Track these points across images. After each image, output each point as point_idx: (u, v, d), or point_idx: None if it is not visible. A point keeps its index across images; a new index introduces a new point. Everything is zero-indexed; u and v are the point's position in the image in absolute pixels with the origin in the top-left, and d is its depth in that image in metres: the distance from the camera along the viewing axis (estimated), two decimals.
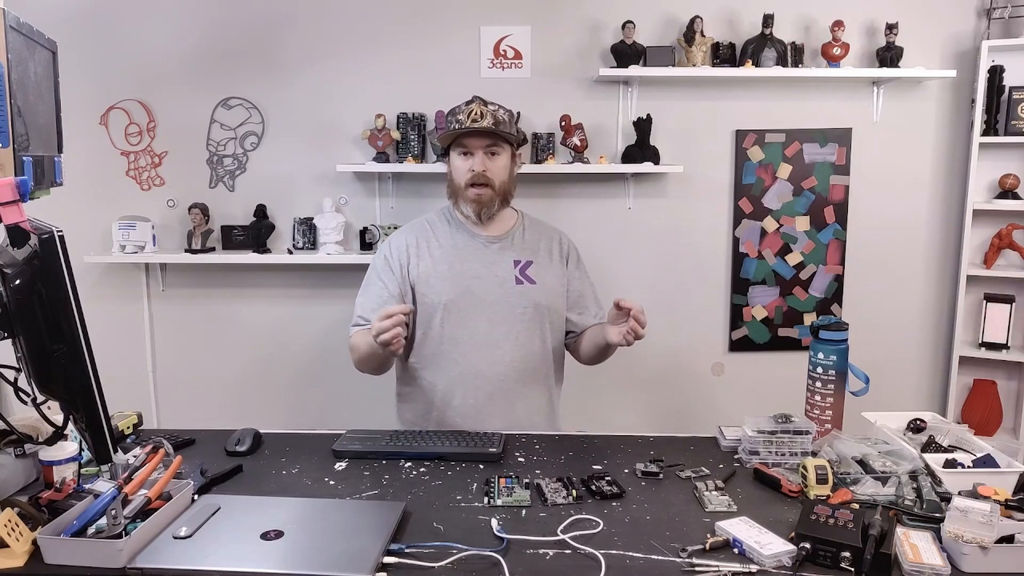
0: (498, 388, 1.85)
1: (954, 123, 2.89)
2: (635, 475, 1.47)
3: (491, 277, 1.88)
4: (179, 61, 2.82)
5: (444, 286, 1.87)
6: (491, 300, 1.86)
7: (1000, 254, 2.89)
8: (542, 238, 1.98)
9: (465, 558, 1.13)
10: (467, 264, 1.90)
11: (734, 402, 2.97)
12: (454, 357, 1.86)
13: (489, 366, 1.84)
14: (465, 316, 1.86)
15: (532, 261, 1.92)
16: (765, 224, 2.91)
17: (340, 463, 1.54)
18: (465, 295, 1.86)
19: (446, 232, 1.95)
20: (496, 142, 1.87)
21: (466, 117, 1.84)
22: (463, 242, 1.93)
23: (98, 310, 2.79)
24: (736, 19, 2.82)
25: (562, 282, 1.95)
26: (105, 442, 1.15)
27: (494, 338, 1.86)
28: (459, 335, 1.86)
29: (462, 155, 1.88)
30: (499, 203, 1.90)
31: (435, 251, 1.92)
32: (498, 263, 1.90)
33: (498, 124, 1.86)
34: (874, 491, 1.33)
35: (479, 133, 1.84)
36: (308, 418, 2.91)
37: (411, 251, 1.92)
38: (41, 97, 1.35)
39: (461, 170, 1.88)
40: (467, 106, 1.88)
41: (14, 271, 1.12)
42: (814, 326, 1.66)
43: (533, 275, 1.90)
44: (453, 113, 1.91)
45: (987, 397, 2.96)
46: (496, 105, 1.90)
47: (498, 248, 1.92)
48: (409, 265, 1.91)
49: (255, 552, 1.14)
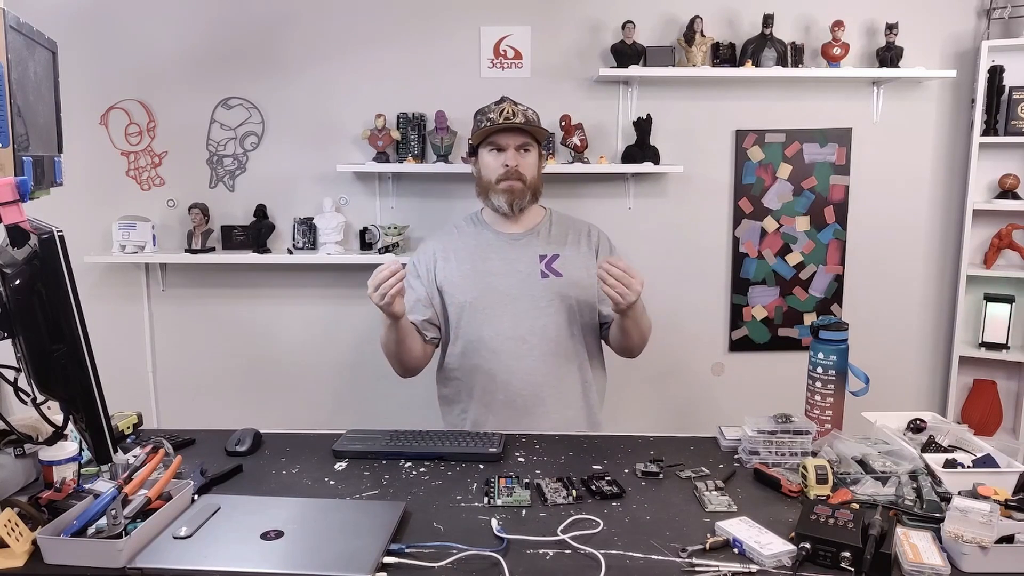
0: (526, 382, 1.87)
1: (954, 123, 2.89)
2: (635, 475, 1.47)
3: (513, 273, 1.91)
4: (179, 61, 2.82)
5: (467, 285, 1.92)
6: (515, 295, 1.88)
7: (1000, 254, 2.89)
8: (570, 231, 2.00)
9: (465, 558, 1.13)
10: (489, 262, 1.93)
11: (734, 402, 2.97)
12: (482, 355, 1.89)
13: (517, 361, 1.87)
14: (489, 314, 1.89)
15: (559, 254, 1.94)
16: (765, 224, 2.91)
17: (340, 463, 1.54)
18: (488, 293, 1.90)
19: (471, 233, 2.00)
20: (527, 140, 1.92)
21: (498, 115, 1.90)
22: (487, 241, 1.97)
23: (98, 310, 2.80)
24: (736, 19, 2.82)
25: (591, 273, 1.94)
26: (105, 442, 1.15)
27: (520, 333, 1.88)
28: (485, 333, 1.89)
29: (493, 152, 1.92)
30: (530, 197, 1.94)
31: (460, 253, 1.96)
32: (521, 259, 1.93)
33: (529, 123, 1.92)
34: (874, 491, 1.33)
35: (512, 130, 1.89)
36: (308, 418, 2.91)
37: (437, 256, 1.98)
38: (41, 97, 1.35)
39: (492, 166, 1.92)
40: (498, 105, 1.93)
41: (14, 271, 1.12)
42: (814, 326, 1.66)
43: (559, 268, 1.93)
44: (483, 112, 1.95)
45: (987, 397, 2.96)
46: (524, 105, 1.96)
47: (522, 244, 1.95)
48: (436, 270, 1.96)
49: (255, 552, 1.14)
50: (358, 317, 2.92)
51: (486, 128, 1.90)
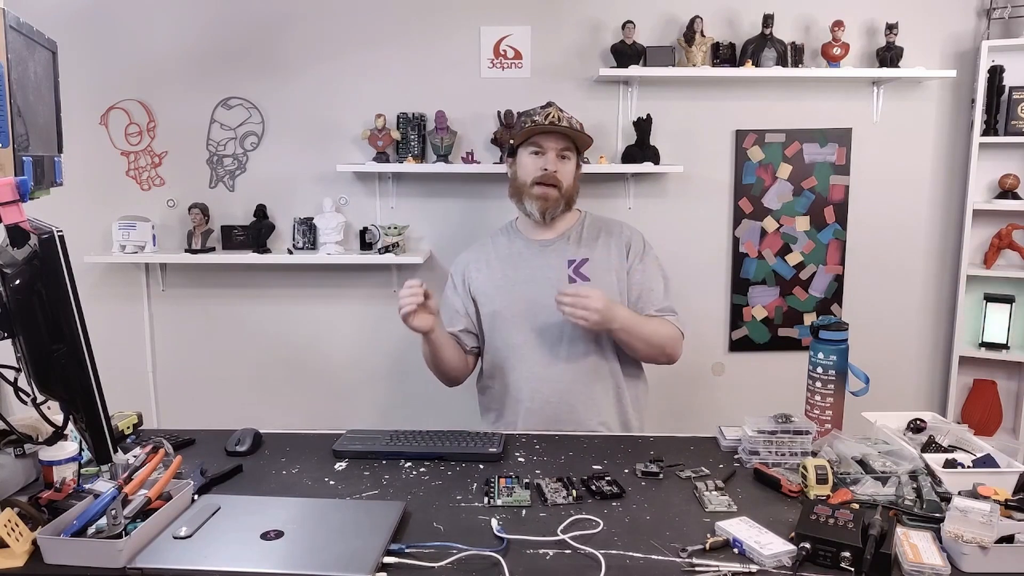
0: (555, 389, 1.87)
1: (954, 123, 2.89)
2: (635, 475, 1.47)
3: (543, 280, 1.91)
4: (179, 61, 2.82)
5: (498, 294, 1.93)
6: (544, 302, 1.87)
7: (1000, 254, 2.89)
8: (601, 234, 1.99)
9: (465, 558, 1.13)
10: (520, 270, 1.94)
11: (734, 402, 2.97)
12: (512, 362, 1.91)
13: (545, 368, 1.87)
14: (518, 321, 1.90)
15: (587, 259, 1.93)
16: (765, 224, 2.91)
17: (340, 463, 1.54)
18: (517, 301, 1.91)
19: (504, 243, 2.01)
20: (568, 147, 1.92)
21: (543, 118, 1.90)
22: (518, 250, 1.98)
23: (98, 310, 2.80)
24: (736, 19, 2.82)
25: (621, 276, 1.94)
26: (105, 442, 1.15)
27: (549, 340, 1.89)
28: (514, 341, 1.91)
29: (533, 154, 1.92)
30: (563, 206, 1.93)
31: (493, 263, 1.98)
32: (551, 265, 1.93)
33: (572, 128, 1.92)
34: (874, 491, 1.33)
35: (554, 134, 1.89)
36: (308, 418, 2.91)
37: (471, 267, 2.00)
38: (41, 97, 1.35)
39: (530, 168, 1.91)
40: (543, 109, 1.94)
41: (14, 271, 1.12)
42: (814, 326, 1.66)
43: (588, 272, 1.92)
44: (528, 114, 1.96)
45: (987, 397, 2.96)
46: (570, 114, 1.96)
47: (552, 250, 1.95)
48: (470, 280, 1.98)
49: (255, 552, 1.14)
50: (358, 317, 2.92)
51: (529, 128, 1.90)
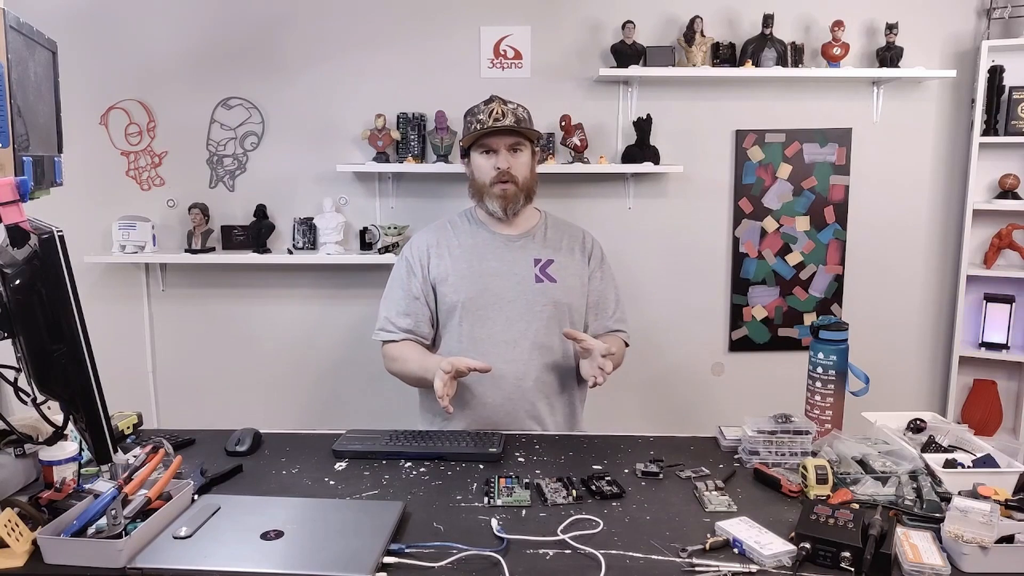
0: (517, 387, 1.84)
1: (954, 123, 2.89)
2: (635, 475, 1.47)
3: (510, 275, 1.88)
4: (179, 61, 2.82)
5: (463, 284, 1.88)
6: (510, 298, 1.86)
7: (1000, 254, 2.89)
8: (564, 236, 1.98)
9: (465, 558, 1.13)
10: (486, 262, 1.90)
11: (734, 402, 2.97)
12: (472, 355, 1.83)
13: (507, 364, 1.84)
14: (483, 314, 1.87)
15: (553, 259, 1.92)
16: (765, 224, 2.91)
17: (340, 463, 1.54)
18: (484, 293, 1.87)
19: (467, 231, 1.96)
20: (519, 140, 1.88)
21: (487, 116, 1.85)
22: (483, 240, 1.93)
23: (98, 310, 2.79)
24: (736, 19, 2.82)
25: (583, 281, 1.94)
26: (105, 442, 1.15)
27: (512, 336, 1.86)
28: (478, 334, 1.87)
29: (485, 154, 1.88)
30: (523, 199, 1.91)
31: (455, 250, 1.93)
32: (518, 261, 1.90)
33: (519, 122, 1.88)
34: (874, 491, 1.33)
35: (502, 132, 1.85)
36: (308, 418, 2.91)
37: (432, 251, 1.94)
38: (41, 97, 1.35)
39: (484, 169, 1.88)
40: (487, 105, 1.89)
41: (14, 271, 1.12)
42: (814, 326, 1.66)
43: (553, 273, 1.90)
44: (472, 113, 1.91)
45: (987, 397, 2.96)
46: (515, 103, 1.91)
47: (519, 246, 1.93)
48: (430, 265, 1.92)
49: (255, 552, 1.14)
50: (358, 317, 2.92)
51: (475, 132, 1.86)
